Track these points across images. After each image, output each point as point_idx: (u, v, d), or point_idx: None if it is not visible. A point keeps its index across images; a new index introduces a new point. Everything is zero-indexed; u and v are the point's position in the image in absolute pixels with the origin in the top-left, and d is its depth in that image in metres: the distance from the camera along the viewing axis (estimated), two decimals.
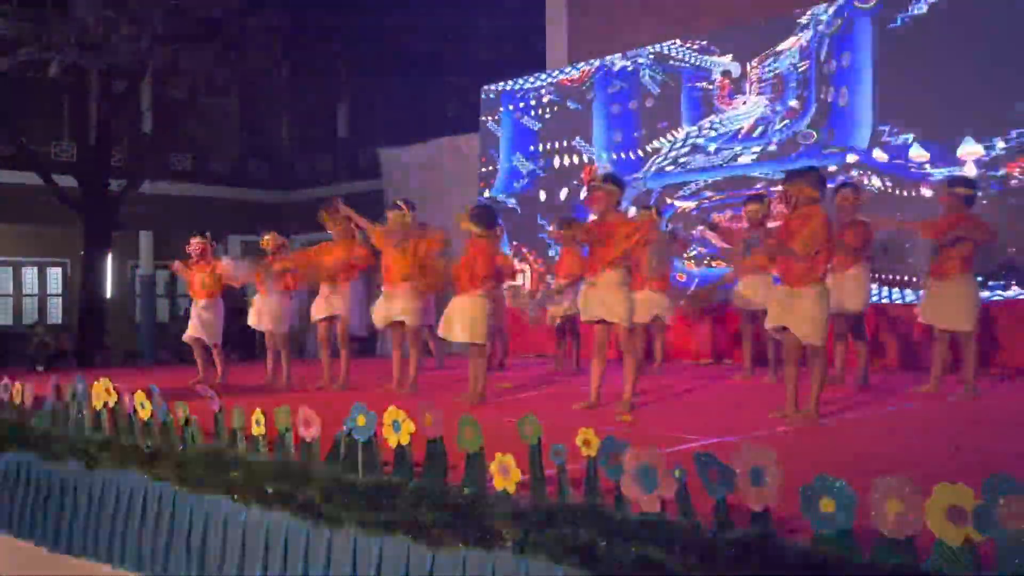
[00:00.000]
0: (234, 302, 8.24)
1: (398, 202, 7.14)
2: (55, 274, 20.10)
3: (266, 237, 7.92)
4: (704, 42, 10.49)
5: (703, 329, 9.66)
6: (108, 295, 18.25)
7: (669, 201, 10.40)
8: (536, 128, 12.13)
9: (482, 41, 17.27)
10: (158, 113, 18.52)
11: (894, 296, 8.32)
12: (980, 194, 6.25)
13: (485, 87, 13.01)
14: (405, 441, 3.53)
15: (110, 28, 11.25)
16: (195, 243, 8.14)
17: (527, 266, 11.64)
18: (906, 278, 8.20)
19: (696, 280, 9.96)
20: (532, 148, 12.15)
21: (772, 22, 10.05)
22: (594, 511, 2.91)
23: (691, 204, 10.32)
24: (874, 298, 7.37)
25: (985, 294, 6.90)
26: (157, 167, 18.42)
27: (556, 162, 11.84)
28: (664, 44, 10.86)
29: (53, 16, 11.66)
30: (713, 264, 9.87)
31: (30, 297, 19.76)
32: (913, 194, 8.38)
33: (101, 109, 16.04)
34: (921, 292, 6.43)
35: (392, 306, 6.93)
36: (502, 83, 12.75)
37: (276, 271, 7.74)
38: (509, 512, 3.09)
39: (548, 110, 12.02)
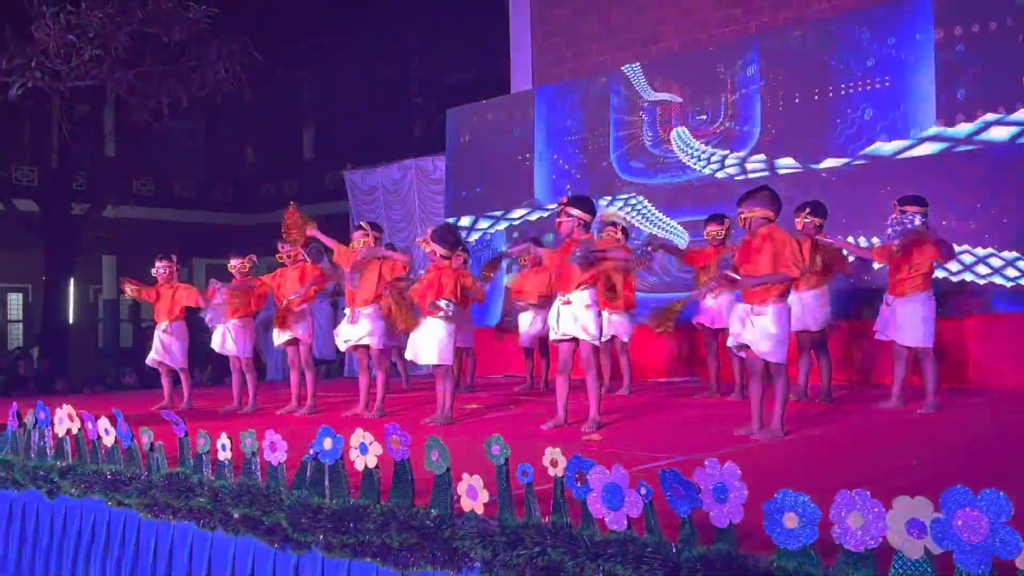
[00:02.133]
0: (198, 324, 8.15)
1: (362, 224, 7.15)
2: (16, 299, 19.83)
3: (234, 262, 7.85)
4: (664, 64, 10.61)
5: (668, 346, 9.72)
6: (71, 320, 18.05)
7: (633, 222, 10.48)
8: (503, 148, 12.18)
9: (448, 63, 17.36)
10: (121, 136, 18.40)
11: (852, 313, 8.44)
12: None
13: (450, 108, 13.07)
14: (372, 464, 3.52)
15: (72, 52, 11.17)
16: (162, 266, 8.05)
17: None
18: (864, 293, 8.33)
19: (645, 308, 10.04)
20: (498, 168, 12.19)
21: (732, 44, 10.21)
22: (561, 531, 2.93)
23: (653, 226, 10.41)
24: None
25: None
26: (120, 191, 18.32)
27: (521, 182, 11.88)
28: (626, 66, 10.98)
29: (13, 40, 11.55)
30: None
31: None
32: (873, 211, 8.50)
33: (63, 133, 15.91)
34: (881, 309, 6.50)
35: (356, 329, 6.92)
36: (468, 104, 12.81)
37: (233, 294, 7.67)
38: (477, 533, 3.10)
39: (513, 129, 12.08)
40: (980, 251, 8.03)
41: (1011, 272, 7.91)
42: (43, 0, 10.85)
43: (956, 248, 7.15)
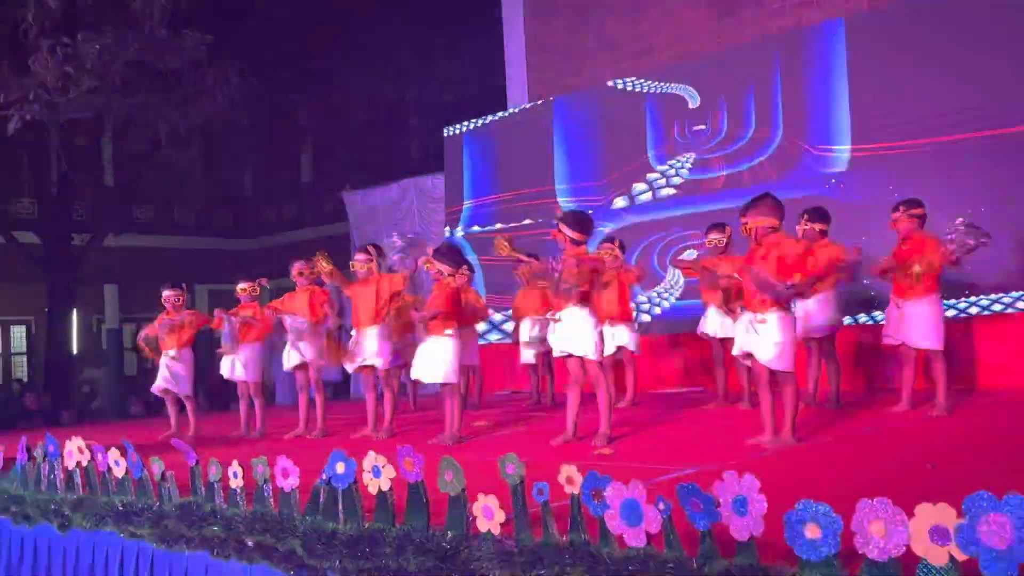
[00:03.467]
0: (205, 352, 8.16)
1: (368, 248, 7.14)
2: (19, 332, 19.82)
3: (241, 286, 7.86)
4: (662, 76, 10.63)
5: (674, 357, 9.70)
6: (74, 351, 18.05)
7: (633, 234, 10.48)
8: (499, 165, 12.20)
9: (443, 82, 17.40)
10: (119, 166, 18.45)
11: (860, 318, 8.43)
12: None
13: (447, 127, 13.10)
14: (386, 487, 3.50)
15: (69, 84, 11.20)
16: (172, 294, 8.02)
17: None
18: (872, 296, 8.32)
19: (663, 309, 10.06)
20: (496, 185, 12.20)
21: (729, 53, 10.24)
22: (580, 549, 2.91)
23: (656, 237, 10.41)
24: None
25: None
26: (120, 220, 18.34)
27: (521, 198, 11.89)
28: (623, 79, 11.01)
29: (11, 73, 11.59)
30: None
31: None
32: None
33: (61, 164, 15.96)
34: (886, 313, 6.48)
35: (362, 350, 6.91)
36: (465, 123, 12.84)
37: (243, 320, 7.69)
38: (494, 554, 3.07)
39: (511, 146, 12.10)
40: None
41: None
42: (40, 33, 10.88)
43: None
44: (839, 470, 4.56)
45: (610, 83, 11.13)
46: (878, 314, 8.05)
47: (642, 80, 10.82)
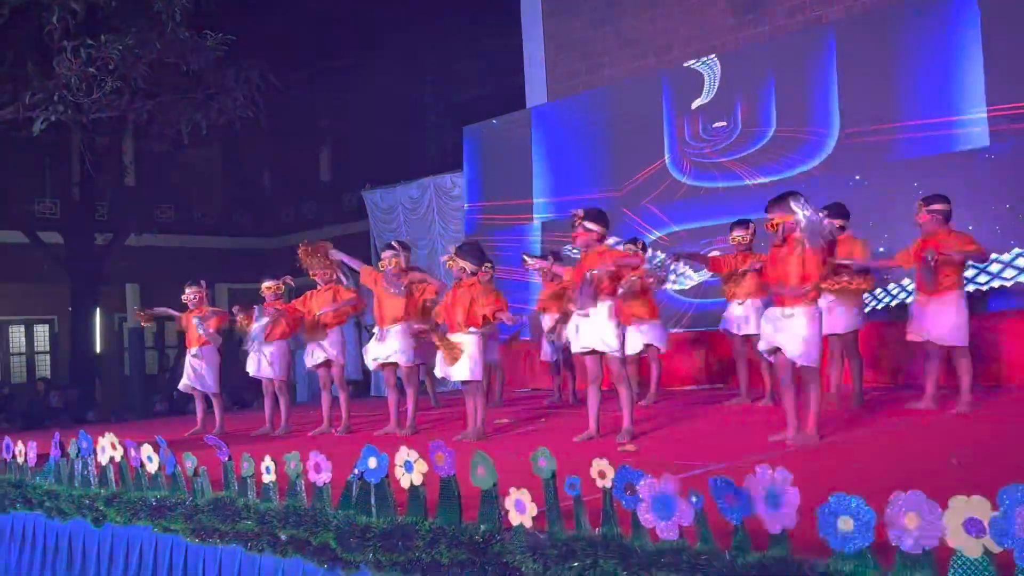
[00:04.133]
0: (227, 349, 8.23)
1: (393, 244, 7.19)
2: (42, 331, 20.01)
3: (266, 284, 7.91)
4: (680, 74, 10.64)
5: (695, 355, 9.72)
6: (98, 350, 18.20)
7: (658, 234, 10.50)
8: (519, 163, 12.24)
9: (462, 81, 17.45)
10: (141, 166, 18.61)
11: (880, 313, 8.43)
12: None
13: (467, 126, 13.15)
14: (418, 481, 3.55)
15: (93, 85, 11.30)
16: (192, 292, 8.13)
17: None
18: (895, 293, 8.31)
19: (691, 309, 10.08)
20: (517, 182, 12.24)
21: (749, 48, 10.25)
22: (612, 541, 2.95)
23: (677, 233, 10.42)
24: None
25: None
26: (142, 220, 18.48)
27: (539, 195, 11.93)
28: (641, 77, 11.03)
29: (35, 75, 11.71)
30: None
31: (18, 356, 19.64)
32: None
33: (84, 165, 16.09)
34: (910, 309, 6.48)
35: (384, 347, 6.96)
36: (484, 122, 12.89)
37: (272, 318, 7.75)
38: (527, 547, 3.12)
39: (529, 144, 12.14)
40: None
41: None
42: (64, 35, 10.98)
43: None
44: (864, 466, 4.57)
45: (628, 81, 11.15)
46: (897, 311, 8.06)
47: (659, 78, 10.84)
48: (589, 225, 5.91)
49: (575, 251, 6.38)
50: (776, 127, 9.75)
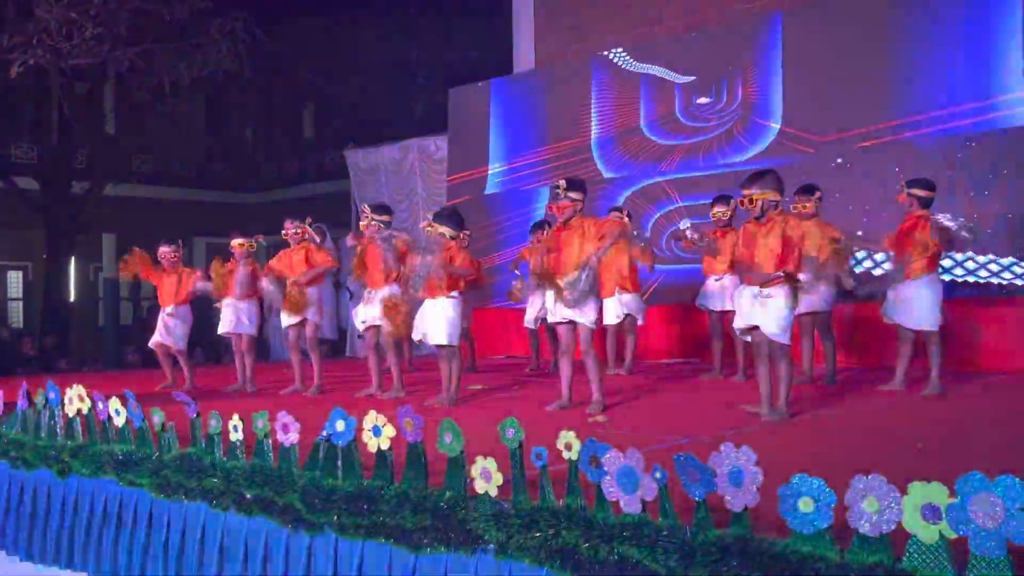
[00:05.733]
0: (203, 310, 8.19)
1: (373, 206, 7.09)
2: (15, 278, 19.81)
3: (237, 241, 7.83)
4: (667, 47, 10.57)
5: (669, 328, 9.75)
6: (71, 299, 18.06)
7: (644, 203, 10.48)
8: (505, 128, 12.16)
9: (449, 43, 17.28)
10: (121, 115, 18.35)
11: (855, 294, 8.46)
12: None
13: (453, 88, 13.02)
14: (385, 446, 3.55)
15: (73, 30, 11.12)
16: (168, 251, 8.06)
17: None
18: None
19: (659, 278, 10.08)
20: (501, 147, 12.17)
21: (739, 22, 10.18)
22: (576, 513, 2.96)
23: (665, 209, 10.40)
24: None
25: None
26: (120, 169, 18.28)
27: (526, 160, 11.86)
28: (631, 46, 10.95)
29: (14, 18, 11.50)
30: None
31: None
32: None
33: (63, 111, 15.87)
34: (887, 292, 6.50)
35: (371, 309, 6.89)
36: (470, 84, 12.77)
37: (245, 274, 7.70)
38: (491, 515, 3.12)
39: (516, 108, 12.06)
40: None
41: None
42: None
43: None
44: (831, 446, 4.62)
45: (610, 52, 11.07)
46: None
47: (649, 46, 10.77)
48: (573, 195, 5.87)
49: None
50: (757, 104, 9.71)
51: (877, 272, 7.74)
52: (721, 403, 6.09)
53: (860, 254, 7.86)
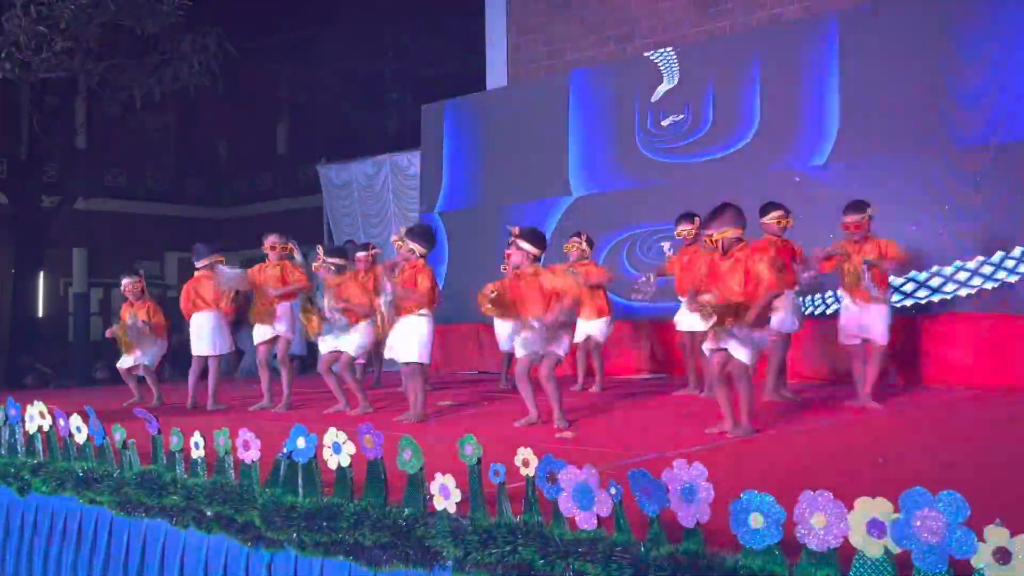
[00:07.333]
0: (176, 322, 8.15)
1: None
2: None
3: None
4: (640, 64, 10.65)
5: (639, 344, 9.78)
6: (40, 314, 17.88)
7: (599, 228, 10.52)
8: (477, 145, 12.19)
9: (423, 58, 17.32)
10: (92, 129, 18.24)
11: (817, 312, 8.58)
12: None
13: (425, 105, 13.06)
14: (346, 463, 3.55)
15: (42, 44, 11.06)
16: (128, 283, 8.04)
17: None
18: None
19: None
20: (473, 165, 12.20)
21: (713, 40, 10.30)
22: (532, 530, 2.97)
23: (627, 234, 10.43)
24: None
25: None
26: (91, 183, 18.16)
27: (498, 179, 11.88)
28: (603, 63, 11.03)
29: None
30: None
31: None
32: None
33: (33, 124, 15.76)
34: (845, 310, 6.56)
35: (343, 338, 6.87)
36: (443, 101, 12.81)
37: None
38: (449, 532, 3.13)
39: (488, 126, 12.10)
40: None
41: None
42: None
43: None
44: (791, 461, 4.66)
45: (582, 69, 11.15)
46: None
47: (623, 63, 10.85)
48: (523, 244, 5.89)
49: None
50: (730, 122, 9.80)
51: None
52: (691, 418, 6.12)
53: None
